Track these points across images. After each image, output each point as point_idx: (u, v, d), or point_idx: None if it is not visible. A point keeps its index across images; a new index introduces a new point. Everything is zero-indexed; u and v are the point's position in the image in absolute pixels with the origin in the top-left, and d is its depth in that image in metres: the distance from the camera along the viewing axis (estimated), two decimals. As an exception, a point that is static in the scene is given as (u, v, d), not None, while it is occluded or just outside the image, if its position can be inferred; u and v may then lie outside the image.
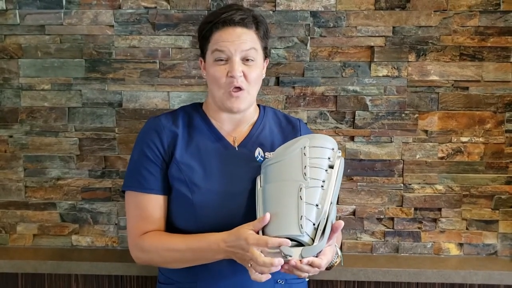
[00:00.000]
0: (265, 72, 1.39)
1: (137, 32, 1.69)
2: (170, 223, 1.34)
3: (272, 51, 1.68)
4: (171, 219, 1.34)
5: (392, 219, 1.74)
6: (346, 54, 1.68)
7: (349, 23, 1.67)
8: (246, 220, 1.20)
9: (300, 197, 1.15)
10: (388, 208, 1.73)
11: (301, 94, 1.70)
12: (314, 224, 1.14)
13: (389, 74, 1.68)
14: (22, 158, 1.75)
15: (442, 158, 1.71)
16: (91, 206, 1.76)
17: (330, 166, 1.22)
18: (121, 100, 1.72)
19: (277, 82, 1.71)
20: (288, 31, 1.68)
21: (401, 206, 1.73)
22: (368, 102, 1.70)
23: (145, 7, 1.68)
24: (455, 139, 1.70)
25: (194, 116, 1.39)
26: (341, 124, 1.71)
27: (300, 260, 1.11)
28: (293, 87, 1.70)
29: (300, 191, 1.16)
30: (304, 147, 1.23)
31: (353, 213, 1.74)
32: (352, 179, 1.73)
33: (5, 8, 1.70)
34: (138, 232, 1.32)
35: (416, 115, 1.70)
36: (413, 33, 1.66)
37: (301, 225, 1.12)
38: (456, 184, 1.71)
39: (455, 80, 1.68)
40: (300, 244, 1.12)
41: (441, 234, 1.73)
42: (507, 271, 1.62)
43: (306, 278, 1.22)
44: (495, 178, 1.71)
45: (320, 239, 1.12)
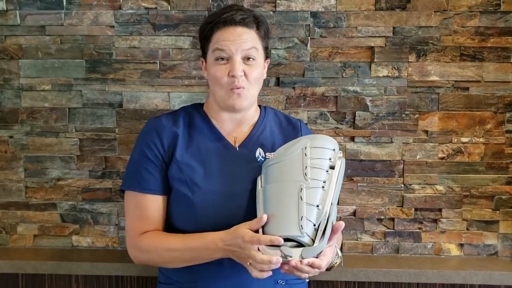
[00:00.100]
0: (266, 73, 1.39)
1: (138, 33, 1.69)
2: (170, 224, 1.34)
3: (272, 52, 1.68)
4: (171, 220, 1.33)
5: (393, 220, 1.74)
6: (347, 55, 1.68)
7: (350, 24, 1.67)
8: (247, 221, 1.20)
9: (301, 198, 1.15)
10: (389, 209, 1.73)
11: (301, 95, 1.70)
12: (315, 225, 1.14)
13: (390, 75, 1.68)
14: (23, 159, 1.75)
15: (443, 159, 1.71)
16: (92, 207, 1.76)
17: (331, 167, 1.22)
18: (122, 101, 1.72)
19: (278, 83, 1.70)
20: (289, 32, 1.68)
21: (402, 207, 1.73)
22: (369, 103, 1.70)
23: (146, 8, 1.68)
24: (456, 140, 1.70)
25: (195, 116, 1.39)
26: (342, 125, 1.71)
27: (301, 261, 1.10)
28: (293, 88, 1.70)
29: (301, 192, 1.16)
30: (305, 148, 1.23)
31: (354, 214, 1.74)
32: (353, 180, 1.73)
33: (6, 9, 1.70)
34: (137, 232, 1.32)
35: (417, 116, 1.70)
36: (414, 34, 1.66)
37: (302, 226, 1.12)
38: (457, 185, 1.71)
39: (456, 81, 1.68)
40: (301, 245, 1.12)
41: (442, 235, 1.73)
42: (508, 272, 1.62)
43: (307, 279, 1.22)
44: (496, 179, 1.71)
45: (321, 240, 1.12)
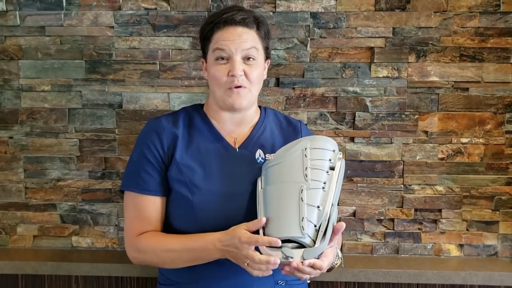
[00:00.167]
0: (266, 73, 1.39)
1: (137, 33, 1.69)
2: (170, 225, 1.34)
3: (272, 52, 1.68)
4: (171, 221, 1.33)
5: (392, 220, 1.74)
6: (346, 55, 1.68)
7: (349, 24, 1.67)
8: (246, 222, 1.20)
9: (301, 199, 1.15)
10: (388, 209, 1.73)
11: (301, 95, 1.70)
12: (316, 226, 1.14)
13: (389, 75, 1.68)
14: (22, 159, 1.75)
15: (442, 159, 1.71)
16: (91, 207, 1.76)
17: (331, 168, 1.22)
18: (121, 101, 1.72)
19: (277, 83, 1.70)
20: (288, 32, 1.68)
21: (401, 207, 1.73)
22: (368, 103, 1.70)
23: (145, 8, 1.68)
24: (455, 140, 1.70)
25: (195, 117, 1.39)
26: (341, 125, 1.71)
27: (302, 262, 1.11)
28: (293, 88, 1.70)
29: (301, 193, 1.16)
30: (305, 149, 1.23)
31: (353, 214, 1.74)
32: (352, 180, 1.73)
33: (5, 9, 1.69)
34: (135, 233, 1.32)
35: (416, 116, 1.70)
36: (413, 34, 1.66)
37: (303, 227, 1.12)
38: (456, 185, 1.71)
39: (455, 81, 1.68)
40: (302, 246, 1.12)
41: (442, 235, 1.74)
42: (508, 272, 1.62)
43: (308, 280, 1.22)
44: (495, 179, 1.71)
45: (322, 241, 1.12)
